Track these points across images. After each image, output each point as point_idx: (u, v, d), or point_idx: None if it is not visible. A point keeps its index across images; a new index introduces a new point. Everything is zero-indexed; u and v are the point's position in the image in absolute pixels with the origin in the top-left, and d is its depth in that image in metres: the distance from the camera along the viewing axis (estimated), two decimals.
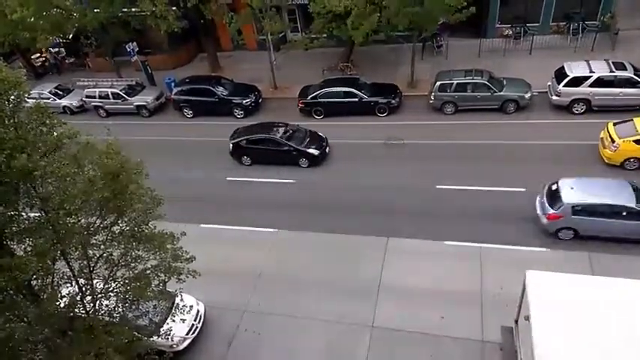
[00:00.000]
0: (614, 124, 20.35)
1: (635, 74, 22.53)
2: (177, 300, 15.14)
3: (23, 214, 10.51)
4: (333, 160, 23.75)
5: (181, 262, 12.53)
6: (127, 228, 11.91)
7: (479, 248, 17.82)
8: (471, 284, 16.61)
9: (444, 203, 20.10)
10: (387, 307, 16.48)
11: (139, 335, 12.90)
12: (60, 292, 11.46)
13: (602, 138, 20.73)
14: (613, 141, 19.82)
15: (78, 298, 11.81)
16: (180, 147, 26.81)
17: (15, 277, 9.70)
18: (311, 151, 23.45)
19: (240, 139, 24.37)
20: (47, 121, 10.22)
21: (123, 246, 12.08)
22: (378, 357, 15.22)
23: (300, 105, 27.51)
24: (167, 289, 13.27)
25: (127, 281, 12.10)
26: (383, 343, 15.50)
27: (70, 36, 33.83)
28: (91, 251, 11.63)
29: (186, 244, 12.89)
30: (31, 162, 9.47)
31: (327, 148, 23.98)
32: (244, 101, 28.56)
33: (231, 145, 24.51)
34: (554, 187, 17.63)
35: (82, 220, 11.36)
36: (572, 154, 21.27)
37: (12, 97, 9.81)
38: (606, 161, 20.34)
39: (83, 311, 11.88)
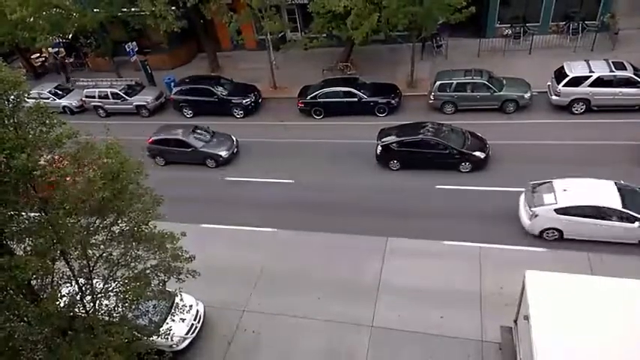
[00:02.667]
0: None
1: (634, 74, 22.54)
2: (177, 300, 15.14)
3: (23, 213, 10.52)
4: (333, 160, 23.71)
5: (181, 262, 12.56)
6: (127, 228, 11.92)
7: (478, 248, 17.83)
8: (470, 284, 16.62)
9: (444, 203, 20.11)
10: (387, 307, 16.49)
11: (139, 335, 12.89)
12: (60, 292, 11.46)
13: None
14: None
15: (78, 297, 11.82)
16: None
17: (15, 277, 9.71)
18: (477, 153, 21.03)
19: (390, 141, 22.00)
20: (47, 121, 10.23)
21: (122, 246, 12.10)
22: (378, 357, 15.22)
23: (300, 105, 27.52)
24: (167, 288, 13.27)
25: (126, 281, 12.10)
26: (382, 343, 15.52)
27: (70, 36, 33.84)
28: (90, 251, 11.62)
29: (186, 244, 12.91)
30: (31, 162, 9.48)
31: (490, 150, 21.61)
32: (244, 101, 28.57)
33: (379, 149, 22.35)
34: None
35: (82, 220, 11.37)
36: (572, 154, 21.27)
37: (12, 97, 9.82)
38: None
39: (83, 311, 11.90)
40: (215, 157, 24.40)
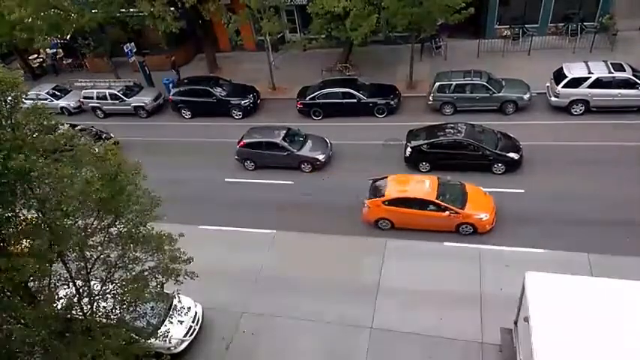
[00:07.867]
0: None
1: (633, 75, 22.54)
2: (175, 302, 15.05)
3: (20, 215, 10.46)
4: (332, 161, 23.68)
5: (179, 264, 12.48)
6: (125, 229, 11.85)
7: (478, 249, 17.81)
8: (470, 285, 16.60)
9: None
10: (386, 309, 16.45)
11: (137, 337, 12.89)
12: (57, 294, 11.42)
13: None
14: None
15: (75, 299, 11.75)
16: (178, 148, 26.74)
17: (12, 279, 9.66)
18: (511, 155, 20.68)
19: (421, 142, 21.54)
20: (45, 122, 10.17)
21: (120, 247, 12.03)
22: (377, 358, 15.18)
23: (299, 106, 27.47)
24: (165, 290, 13.21)
25: (124, 283, 12.05)
26: (382, 345, 15.48)
27: (68, 37, 33.75)
28: (88, 253, 11.58)
29: (185, 246, 12.84)
30: (29, 163, 9.42)
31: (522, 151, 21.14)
32: (242, 102, 28.51)
33: (408, 150, 21.81)
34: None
35: (80, 222, 11.31)
36: (572, 155, 21.26)
37: (9, 97, 9.76)
38: None
39: (80, 313, 11.83)
40: (312, 161, 23.06)
